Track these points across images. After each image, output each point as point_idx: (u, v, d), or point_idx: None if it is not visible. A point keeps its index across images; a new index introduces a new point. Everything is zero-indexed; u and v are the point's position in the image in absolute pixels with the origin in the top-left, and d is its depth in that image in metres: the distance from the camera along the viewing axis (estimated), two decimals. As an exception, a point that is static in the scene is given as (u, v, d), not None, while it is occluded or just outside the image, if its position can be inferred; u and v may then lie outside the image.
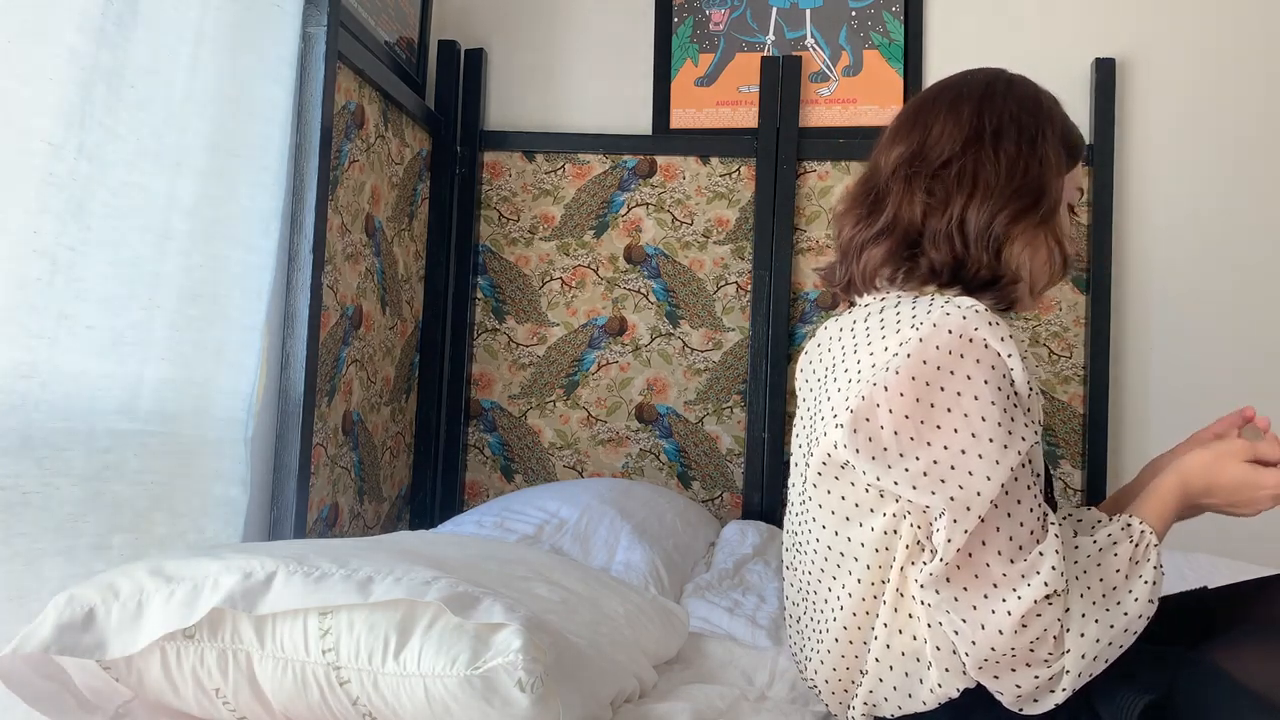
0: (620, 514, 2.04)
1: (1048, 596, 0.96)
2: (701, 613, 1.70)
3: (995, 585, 0.97)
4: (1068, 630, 0.97)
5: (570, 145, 2.65)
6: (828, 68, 2.62)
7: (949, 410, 0.98)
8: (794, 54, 2.62)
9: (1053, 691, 0.98)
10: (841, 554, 1.08)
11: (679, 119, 2.65)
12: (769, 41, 2.65)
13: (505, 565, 1.29)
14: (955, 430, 0.98)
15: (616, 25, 2.69)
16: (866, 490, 1.04)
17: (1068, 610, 0.97)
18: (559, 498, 2.10)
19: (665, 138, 2.64)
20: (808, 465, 1.10)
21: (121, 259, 1.39)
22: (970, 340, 0.98)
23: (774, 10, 2.65)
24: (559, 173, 2.66)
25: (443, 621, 1.00)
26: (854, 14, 2.62)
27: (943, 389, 0.98)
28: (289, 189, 1.81)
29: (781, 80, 2.60)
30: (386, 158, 2.31)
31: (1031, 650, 0.96)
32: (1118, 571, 1.00)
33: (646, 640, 1.31)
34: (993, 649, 0.97)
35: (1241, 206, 2.49)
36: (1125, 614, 0.98)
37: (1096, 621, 0.97)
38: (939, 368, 0.98)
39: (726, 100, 2.64)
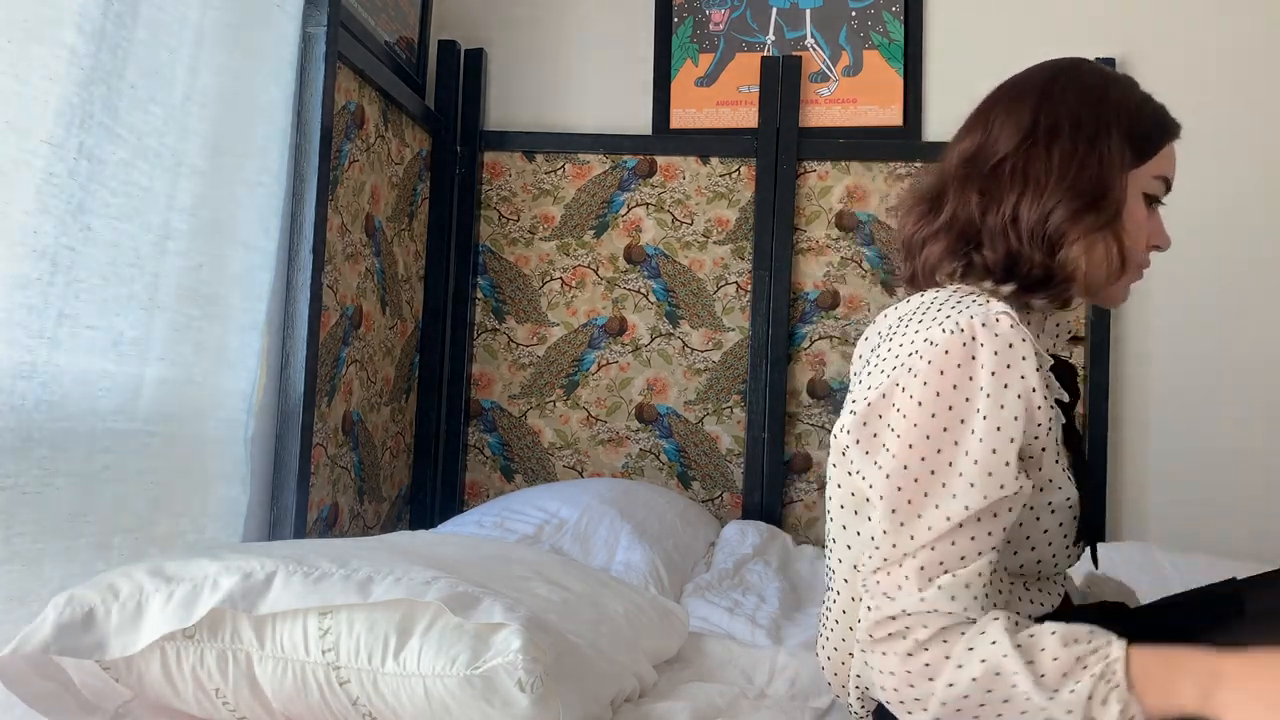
0: (620, 514, 2.04)
1: (931, 633, 0.92)
2: (701, 612, 1.70)
3: (899, 587, 0.96)
4: (958, 668, 0.91)
5: (570, 145, 2.65)
6: (828, 68, 2.62)
7: (945, 430, 0.97)
8: (794, 54, 2.62)
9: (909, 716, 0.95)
10: (833, 540, 1.11)
11: (679, 119, 2.65)
12: (769, 41, 2.65)
13: (505, 565, 1.29)
14: (939, 450, 0.97)
15: (616, 25, 2.69)
16: (863, 478, 1.04)
17: (961, 667, 0.91)
18: (559, 498, 2.10)
19: (665, 138, 2.64)
20: None
21: (121, 259, 1.39)
22: (974, 357, 0.97)
23: (774, 10, 2.65)
24: (559, 173, 2.66)
25: (442, 621, 1.00)
26: (854, 14, 2.62)
27: (950, 408, 0.97)
28: (289, 189, 1.81)
29: (781, 80, 2.60)
30: (386, 158, 2.31)
31: (885, 655, 0.95)
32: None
33: (646, 640, 1.31)
34: (864, 637, 0.97)
35: (1241, 207, 2.49)
36: None
37: (982, 706, 0.90)
38: (954, 386, 0.97)
39: (726, 100, 2.64)
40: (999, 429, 0.96)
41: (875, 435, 1.01)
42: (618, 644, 1.21)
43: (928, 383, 0.98)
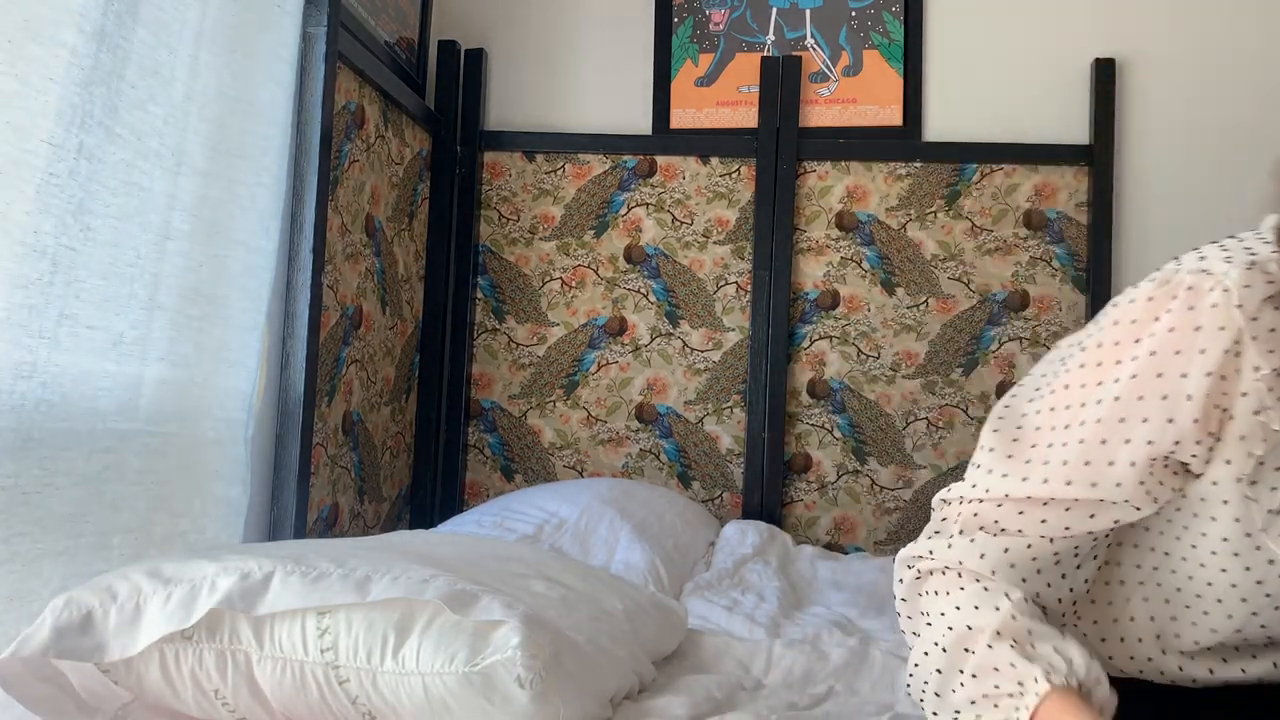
0: (620, 514, 2.04)
1: (937, 569, 0.85)
2: (700, 611, 1.70)
3: (953, 522, 0.87)
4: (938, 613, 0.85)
5: (570, 145, 2.65)
6: (827, 68, 2.62)
7: (1083, 387, 0.82)
8: (794, 54, 2.62)
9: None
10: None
11: (679, 119, 2.65)
12: (769, 41, 2.65)
13: (504, 563, 1.29)
14: (1067, 407, 0.83)
15: (616, 26, 2.69)
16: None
17: (942, 614, 0.84)
18: (559, 498, 2.11)
19: (665, 138, 2.64)
20: None
21: (121, 259, 1.39)
22: (1156, 318, 0.79)
23: (774, 10, 2.65)
24: (559, 173, 2.66)
25: (441, 619, 1.00)
26: (854, 14, 2.62)
27: (1099, 363, 0.82)
28: (289, 189, 1.81)
29: (781, 80, 2.60)
30: (386, 158, 2.31)
31: (901, 581, 0.89)
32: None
33: (646, 637, 1.31)
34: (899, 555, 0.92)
35: (1241, 206, 2.48)
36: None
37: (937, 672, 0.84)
38: (1116, 343, 0.82)
39: (726, 100, 2.64)
40: (1121, 420, 0.79)
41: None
42: (617, 641, 1.21)
43: (1094, 336, 0.84)
